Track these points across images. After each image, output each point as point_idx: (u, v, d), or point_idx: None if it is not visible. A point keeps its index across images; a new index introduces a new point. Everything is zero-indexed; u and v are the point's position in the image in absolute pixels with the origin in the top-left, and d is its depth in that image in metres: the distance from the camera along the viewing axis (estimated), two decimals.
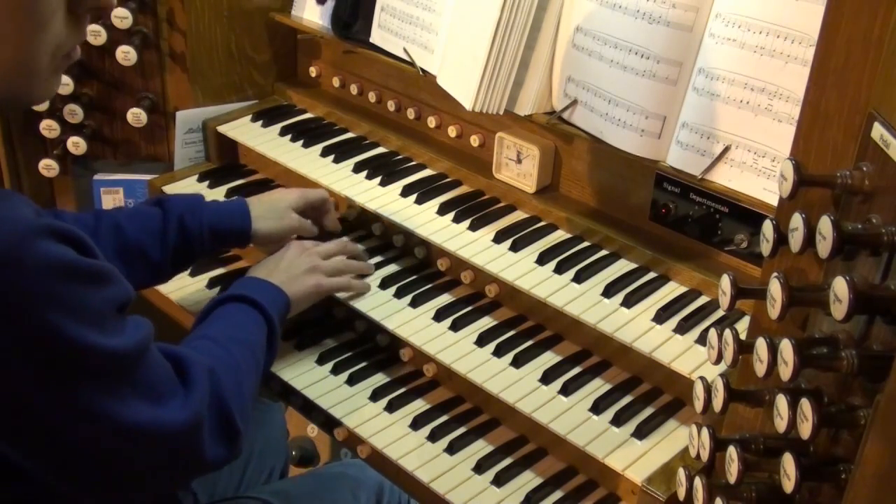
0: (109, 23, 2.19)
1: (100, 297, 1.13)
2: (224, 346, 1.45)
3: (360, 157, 2.19)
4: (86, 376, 1.13)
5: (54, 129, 2.33)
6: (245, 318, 1.59)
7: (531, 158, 1.97)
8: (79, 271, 1.10)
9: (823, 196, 1.12)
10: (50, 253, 1.06)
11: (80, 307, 1.10)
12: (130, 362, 1.18)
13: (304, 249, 1.84)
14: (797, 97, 1.55)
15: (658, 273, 1.81)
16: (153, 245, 1.74)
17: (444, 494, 1.61)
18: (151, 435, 1.21)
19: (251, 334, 1.57)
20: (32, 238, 1.05)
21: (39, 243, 1.05)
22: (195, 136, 2.35)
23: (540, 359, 1.75)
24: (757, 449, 1.11)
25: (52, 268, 1.06)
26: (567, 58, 1.87)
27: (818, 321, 1.13)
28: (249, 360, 1.50)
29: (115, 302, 1.17)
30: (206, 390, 1.30)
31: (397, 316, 1.85)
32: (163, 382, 1.25)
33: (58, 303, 1.07)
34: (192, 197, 1.85)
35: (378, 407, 1.79)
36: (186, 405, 1.26)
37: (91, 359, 1.12)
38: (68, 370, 1.11)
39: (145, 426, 1.20)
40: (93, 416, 1.14)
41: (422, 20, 2.09)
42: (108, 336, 1.14)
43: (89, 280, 1.12)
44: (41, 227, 1.06)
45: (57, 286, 1.07)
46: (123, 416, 1.17)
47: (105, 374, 1.15)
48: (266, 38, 2.42)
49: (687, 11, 1.68)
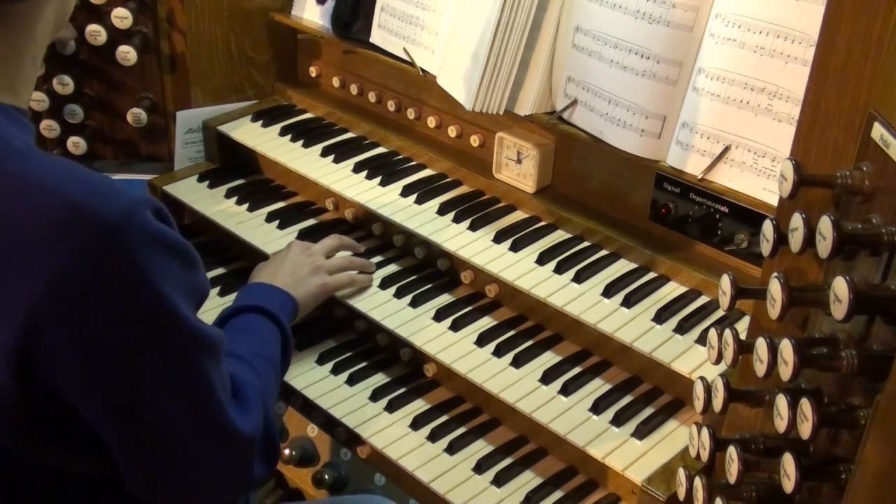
0: (109, 23, 2.19)
1: (192, 277, 1.15)
2: (252, 366, 1.44)
3: (360, 157, 2.19)
4: (182, 349, 1.14)
5: (54, 129, 2.33)
6: (263, 331, 1.58)
7: (531, 158, 1.97)
8: (177, 248, 1.12)
9: (823, 196, 1.12)
10: (155, 225, 1.09)
11: (176, 281, 1.11)
12: (215, 351, 1.19)
13: (305, 249, 1.84)
14: (797, 97, 1.55)
15: (658, 273, 1.81)
16: None
17: (444, 494, 1.61)
18: (227, 435, 1.21)
19: (269, 346, 1.56)
20: (141, 209, 1.07)
21: (147, 214, 1.07)
22: (195, 136, 2.35)
23: (540, 359, 1.75)
24: (757, 449, 1.11)
25: (158, 239, 1.08)
26: (567, 58, 1.87)
27: (818, 321, 1.13)
28: (273, 377, 1.49)
29: (199, 290, 1.19)
30: (259, 408, 1.30)
31: (397, 316, 1.85)
32: (229, 390, 1.25)
33: (161, 272, 1.09)
34: None
35: (378, 407, 1.79)
36: (249, 418, 1.26)
37: (186, 333, 1.13)
38: (169, 338, 1.12)
39: (223, 424, 1.20)
40: (183, 391, 1.15)
41: (422, 20, 2.09)
42: (194, 318, 1.15)
43: (184, 259, 1.14)
44: (147, 200, 1.09)
45: (161, 257, 1.09)
46: (210, 405, 1.17)
47: (197, 353, 1.16)
48: (266, 38, 2.42)
49: (687, 11, 1.68)
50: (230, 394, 1.25)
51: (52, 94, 2.28)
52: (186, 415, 1.16)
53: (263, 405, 1.33)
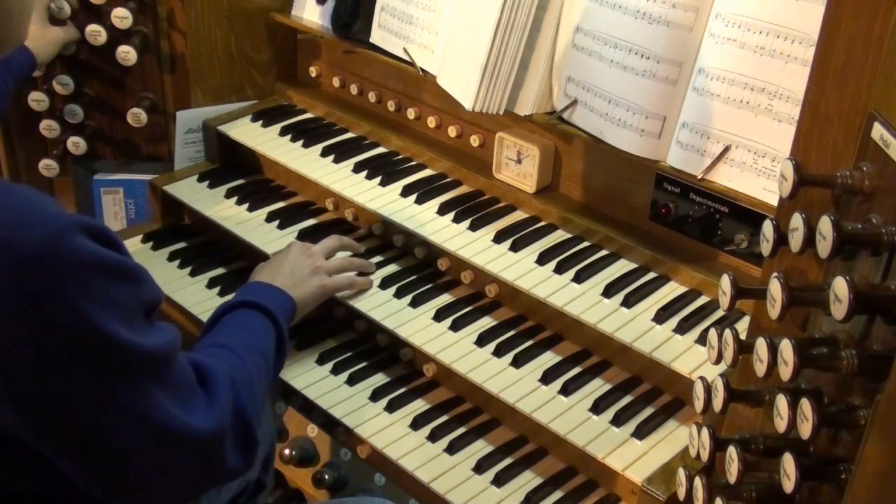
0: (109, 23, 2.19)
1: (130, 294, 1.14)
2: (238, 355, 1.45)
3: (360, 157, 2.19)
4: (118, 371, 1.13)
5: (54, 129, 2.33)
6: (255, 325, 1.59)
7: (531, 158, 1.97)
8: (112, 268, 1.11)
9: (823, 196, 1.12)
10: (85, 248, 1.07)
11: (112, 303, 1.10)
12: (159, 364, 1.19)
13: (304, 250, 1.84)
14: (797, 97, 1.55)
15: (658, 273, 1.81)
16: None
17: (444, 494, 1.61)
18: (179, 439, 1.21)
19: (262, 341, 1.56)
20: (68, 234, 1.06)
21: (73, 239, 1.06)
22: (195, 136, 2.35)
23: (540, 359, 1.75)
24: (757, 449, 1.11)
25: (87, 264, 1.07)
26: (567, 58, 1.87)
27: (818, 321, 1.13)
28: (262, 368, 1.50)
29: (145, 302, 1.18)
30: (229, 400, 1.30)
31: (397, 316, 1.85)
32: (189, 389, 1.25)
33: (92, 297, 1.08)
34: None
35: (378, 407, 1.79)
36: (211, 414, 1.26)
37: (122, 354, 1.12)
38: (101, 363, 1.11)
39: (174, 429, 1.20)
40: (123, 411, 1.15)
41: (422, 20, 2.09)
42: (137, 334, 1.14)
43: (120, 277, 1.13)
44: (76, 223, 1.08)
45: (92, 281, 1.08)
46: (153, 415, 1.17)
47: (135, 372, 1.15)
48: (266, 38, 2.42)
49: (687, 11, 1.68)
50: (190, 391, 1.25)
51: (52, 94, 2.28)
52: (132, 430, 1.16)
53: (236, 395, 1.32)
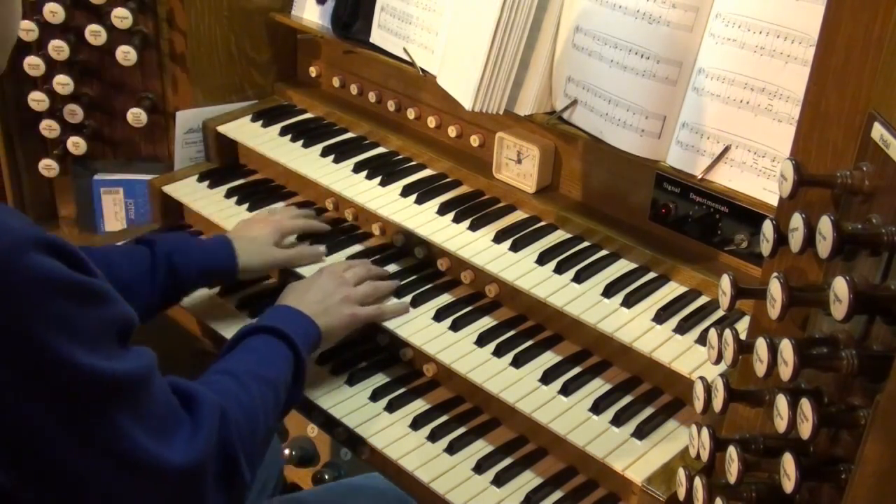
0: (109, 23, 2.19)
1: (93, 316, 1.08)
2: (244, 384, 1.38)
3: (360, 157, 2.19)
4: (78, 399, 1.07)
5: (54, 129, 2.33)
6: (272, 353, 1.53)
7: (531, 158, 1.97)
8: (71, 287, 1.05)
9: (823, 196, 1.12)
10: (40, 266, 1.01)
11: (70, 325, 1.04)
12: (130, 391, 1.12)
13: (335, 276, 1.81)
14: (797, 97, 1.55)
15: (658, 273, 1.81)
16: (142, 284, 1.71)
17: (444, 494, 1.61)
18: (150, 473, 1.14)
19: (276, 370, 1.50)
20: (22, 249, 0.99)
21: (29, 255, 1.00)
22: (195, 136, 2.35)
23: (540, 359, 1.75)
24: (757, 449, 1.11)
25: (42, 282, 1.01)
26: (567, 58, 1.87)
27: (818, 321, 1.13)
28: (269, 400, 1.43)
29: (112, 323, 1.11)
30: (213, 432, 1.22)
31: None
32: (167, 418, 1.18)
33: (47, 319, 1.01)
34: (179, 236, 1.87)
35: (378, 407, 1.79)
36: (192, 446, 1.18)
37: (83, 381, 1.06)
38: (60, 391, 1.05)
39: (144, 462, 1.13)
40: (85, 442, 1.08)
41: (422, 20, 2.09)
42: (103, 358, 1.08)
43: (82, 297, 1.06)
44: (31, 238, 1.01)
45: (46, 302, 1.01)
46: (120, 447, 1.11)
47: (99, 400, 1.09)
48: (266, 38, 2.42)
49: (687, 11, 1.68)
50: (168, 419, 1.18)
51: (52, 94, 2.28)
52: (100, 466, 1.10)
53: (224, 425, 1.25)
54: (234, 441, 1.27)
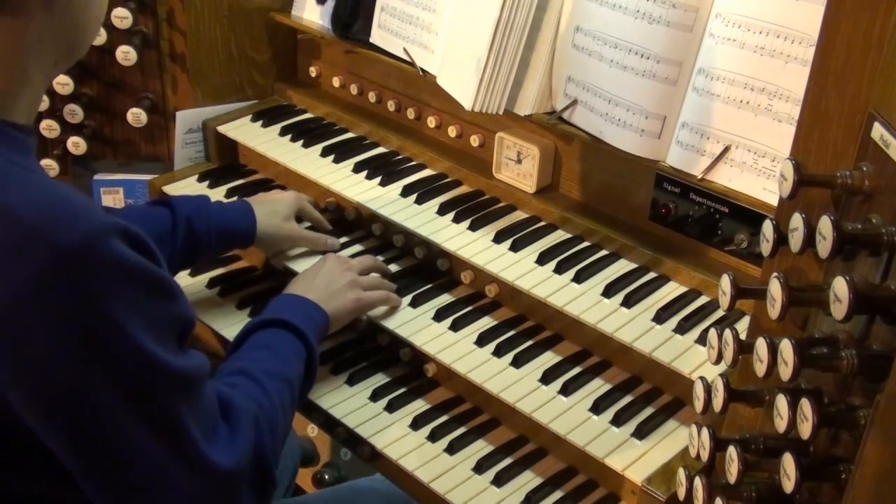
0: (109, 23, 2.19)
1: (162, 309, 1.11)
2: (263, 387, 1.39)
3: (360, 157, 2.19)
4: (145, 381, 1.09)
5: (54, 129, 2.33)
6: (284, 348, 1.54)
7: (531, 158, 1.97)
8: (146, 278, 1.08)
9: (823, 196, 1.12)
10: (120, 253, 1.04)
11: (141, 313, 1.07)
12: (187, 388, 1.15)
13: (341, 263, 1.81)
14: (797, 97, 1.55)
15: (658, 273, 1.81)
16: (163, 245, 1.69)
17: (444, 494, 1.61)
18: (198, 466, 1.16)
19: (290, 366, 1.51)
20: (105, 236, 1.03)
21: (111, 242, 1.03)
22: (195, 136, 2.35)
23: (540, 359, 1.75)
24: (757, 449, 1.11)
25: (120, 268, 1.04)
26: (567, 58, 1.87)
27: (818, 321, 1.13)
28: (286, 397, 1.44)
29: (177, 321, 1.14)
30: (251, 439, 1.25)
31: (397, 316, 1.85)
32: (212, 421, 1.21)
33: (121, 302, 1.04)
34: (198, 198, 1.86)
35: (378, 407, 1.79)
36: (232, 451, 1.21)
37: (148, 365, 1.08)
38: (126, 370, 1.07)
39: (195, 455, 1.15)
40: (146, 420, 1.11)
41: (422, 20, 2.09)
42: (166, 352, 1.10)
43: (155, 290, 1.09)
44: (115, 226, 1.05)
45: (122, 286, 1.04)
46: (176, 432, 1.13)
47: (161, 390, 1.11)
48: (266, 38, 2.42)
49: (687, 11, 1.68)
50: (213, 423, 1.21)
51: (52, 94, 2.28)
52: (153, 450, 1.12)
53: (258, 435, 1.28)
54: (266, 448, 1.29)
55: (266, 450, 1.29)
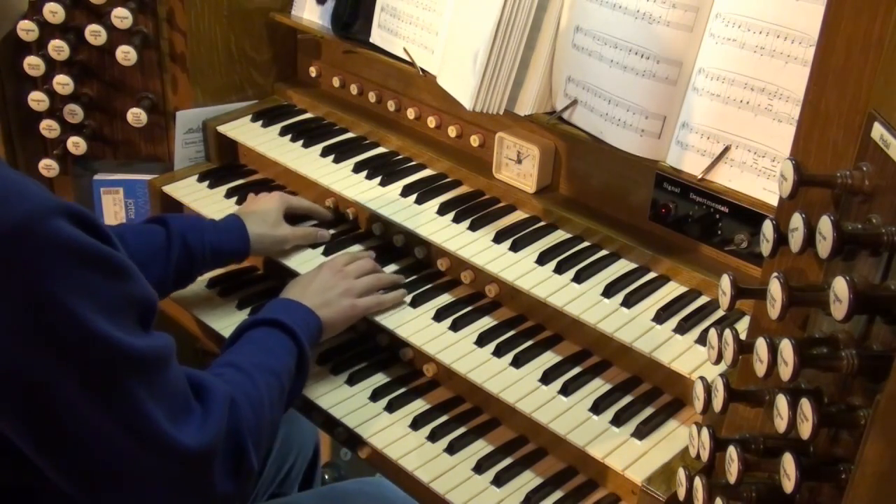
0: (109, 23, 2.19)
1: (115, 289, 1.09)
2: (249, 375, 1.40)
3: (360, 157, 2.19)
4: (98, 365, 1.08)
5: (54, 129, 2.33)
6: (275, 344, 1.56)
7: (531, 158, 1.97)
8: (94, 257, 1.06)
9: (823, 196, 1.12)
10: (63, 232, 1.02)
11: (91, 294, 1.05)
12: (148, 369, 1.13)
13: (336, 270, 1.82)
14: (797, 97, 1.55)
15: (658, 273, 1.81)
16: (157, 262, 1.74)
17: (444, 494, 1.61)
18: (161, 449, 1.15)
19: (280, 361, 1.53)
20: (44, 215, 1.01)
21: (52, 221, 1.01)
22: (195, 136, 2.35)
23: (540, 359, 1.75)
24: (757, 449, 1.11)
25: (64, 248, 1.02)
26: (567, 58, 1.87)
27: (818, 321, 1.13)
28: (274, 390, 1.45)
29: (134, 302, 1.12)
30: (223, 420, 1.25)
31: (397, 316, 1.85)
32: (180, 404, 1.20)
33: (67, 284, 1.02)
34: (192, 217, 1.88)
35: (378, 407, 1.79)
36: (202, 432, 1.20)
37: (100, 347, 1.07)
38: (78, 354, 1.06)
39: (157, 437, 1.14)
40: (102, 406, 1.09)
41: (422, 20, 2.09)
42: (122, 332, 1.09)
43: (105, 269, 1.07)
44: (54, 205, 1.03)
45: (68, 267, 1.02)
46: (134, 416, 1.12)
47: (119, 372, 1.10)
48: (266, 38, 2.42)
49: (687, 11, 1.68)
50: (184, 404, 1.20)
51: (52, 94, 2.28)
52: (111, 432, 1.11)
53: (234, 415, 1.27)
54: (242, 430, 1.29)
55: (241, 431, 1.28)
